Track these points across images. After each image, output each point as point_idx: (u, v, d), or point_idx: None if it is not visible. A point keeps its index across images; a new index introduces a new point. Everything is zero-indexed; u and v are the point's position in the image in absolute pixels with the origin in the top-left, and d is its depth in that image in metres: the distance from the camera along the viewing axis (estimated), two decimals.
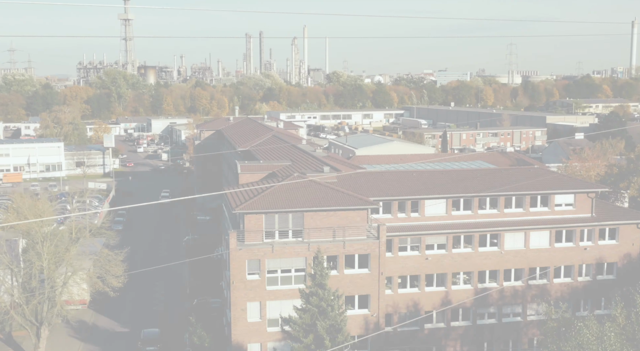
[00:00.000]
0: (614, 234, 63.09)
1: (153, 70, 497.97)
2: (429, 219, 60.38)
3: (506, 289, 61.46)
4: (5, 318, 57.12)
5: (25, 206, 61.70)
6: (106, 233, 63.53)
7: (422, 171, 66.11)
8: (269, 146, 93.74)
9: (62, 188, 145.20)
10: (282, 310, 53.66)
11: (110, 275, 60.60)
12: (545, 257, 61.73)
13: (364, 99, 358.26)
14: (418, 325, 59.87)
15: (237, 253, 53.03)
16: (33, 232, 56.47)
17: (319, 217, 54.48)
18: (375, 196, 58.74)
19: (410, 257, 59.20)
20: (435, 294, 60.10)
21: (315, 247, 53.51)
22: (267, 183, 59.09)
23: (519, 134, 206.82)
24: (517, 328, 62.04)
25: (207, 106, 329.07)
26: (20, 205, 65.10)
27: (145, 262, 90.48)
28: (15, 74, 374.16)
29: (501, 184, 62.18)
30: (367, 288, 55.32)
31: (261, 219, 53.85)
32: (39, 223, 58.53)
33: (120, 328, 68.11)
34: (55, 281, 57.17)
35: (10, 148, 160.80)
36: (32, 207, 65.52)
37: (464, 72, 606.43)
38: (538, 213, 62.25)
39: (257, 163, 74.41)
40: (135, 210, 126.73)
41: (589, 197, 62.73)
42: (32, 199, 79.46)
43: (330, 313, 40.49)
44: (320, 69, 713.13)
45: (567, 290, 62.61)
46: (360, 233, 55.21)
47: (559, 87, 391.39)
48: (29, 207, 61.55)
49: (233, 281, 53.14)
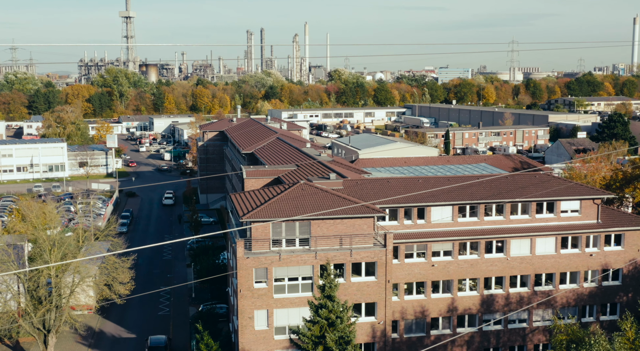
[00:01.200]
0: (619, 240, 63.16)
1: (154, 68, 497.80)
2: (435, 226, 60.50)
3: (512, 295, 61.59)
4: (14, 326, 57.26)
5: (33, 214, 61.74)
6: (113, 240, 63.53)
7: (428, 177, 66.15)
8: (273, 149, 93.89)
9: (65, 188, 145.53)
10: (289, 318, 53.90)
11: (117, 282, 60.72)
12: (551, 263, 61.83)
13: (366, 97, 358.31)
14: (424, 332, 60.05)
15: (245, 261, 53.16)
16: (41, 240, 56.55)
17: (326, 225, 54.60)
18: (382, 203, 58.82)
19: (416, 264, 59.32)
20: (442, 300, 60.23)
21: (323, 255, 53.72)
22: (272, 189, 59.21)
23: (521, 133, 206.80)
24: (523, 334, 62.18)
25: (209, 104, 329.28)
26: (28, 214, 65.18)
27: (149, 265, 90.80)
28: (17, 72, 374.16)
29: (507, 190, 62.26)
30: (374, 296, 55.45)
31: (268, 227, 53.97)
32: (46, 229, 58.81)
33: (127, 334, 68.29)
34: (63, 290, 57.33)
35: (14, 149, 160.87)
36: (40, 213, 65.72)
37: (465, 69, 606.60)
38: (544, 220, 62.34)
39: (262, 168, 74.53)
40: (139, 211, 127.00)
41: (595, 203, 62.80)
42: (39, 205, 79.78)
43: (340, 325, 40.63)
44: (322, 66, 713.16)
45: (572, 296, 62.72)
46: (367, 241, 55.32)
47: (561, 85, 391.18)
48: (37, 215, 61.62)
49: (240, 289, 53.28)
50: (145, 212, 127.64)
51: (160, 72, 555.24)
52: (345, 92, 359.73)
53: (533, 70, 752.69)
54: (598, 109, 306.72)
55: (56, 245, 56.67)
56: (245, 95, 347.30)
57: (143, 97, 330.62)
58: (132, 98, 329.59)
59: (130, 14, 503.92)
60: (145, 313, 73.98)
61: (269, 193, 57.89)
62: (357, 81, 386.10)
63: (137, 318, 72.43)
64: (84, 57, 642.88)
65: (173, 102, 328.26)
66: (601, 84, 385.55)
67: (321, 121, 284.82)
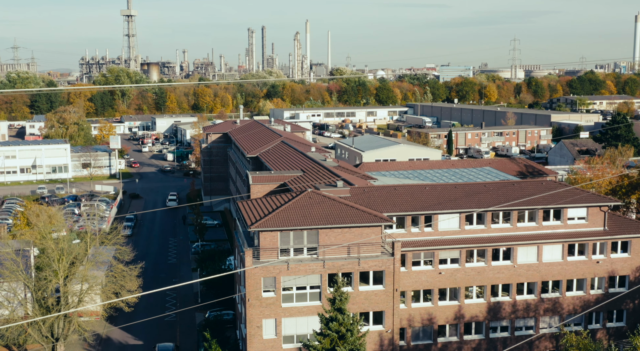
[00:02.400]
0: (626, 247, 63.26)
1: (156, 67, 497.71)
2: (442, 234, 60.61)
3: (519, 302, 61.70)
4: (23, 336, 57.40)
5: (40, 222, 61.80)
6: (120, 248, 63.59)
7: (434, 185, 66.19)
8: (278, 153, 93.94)
9: (69, 190, 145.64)
10: (297, 327, 54.06)
11: (125, 290, 60.83)
12: (558, 270, 61.93)
13: (367, 96, 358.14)
14: (431, 339, 60.19)
15: (253, 270, 53.27)
16: (49, 249, 56.62)
17: (334, 234, 54.70)
18: (389, 211, 58.94)
19: (423, 272, 59.44)
20: (449, 308, 60.36)
21: (331, 264, 53.83)
22: (280, 197, 59.26)
23: (523, 133, 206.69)
24: (530, 341, 62.29)
25: (211, 103, 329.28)
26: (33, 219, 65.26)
27: (155, 269, 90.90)
28: (19, 72, 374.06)
29: (514, 198, 62.30)
30: (382, 305, 55.56)
31: (276, 236, 54.08)
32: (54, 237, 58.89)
33: (134, 341, 68.43)
34: (71, 298, 57.44)
35: (17, 150, 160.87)
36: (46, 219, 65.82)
37: (467, 67, 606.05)
38: (551, 227, 62.44)
39: (268, 173, 74.60)
40: (144, 213, 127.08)
41: (602, 210, 62.88)
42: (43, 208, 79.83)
43: (350, 338, 40.77)
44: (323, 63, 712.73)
45: (579, 303, 62.83)
46: (374, 250, 55.42)
47: (563, 83, 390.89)
48: (44, 222, 61.70)
49: (249, 298, 53.39)
50: (149, 213, 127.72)
51: (161, 70, 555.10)
52: (347, 90, 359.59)
53: (534, 67, 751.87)
54: (600, 108, 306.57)
55: (64, 253, 56.75)
56: (247, 94, 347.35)
57: (145, 97, 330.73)
58: (134, 98, 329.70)
59: (132, 13, 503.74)
60: (151, 319, 74.03)
61: (277, 202, 57.97)
62: (359, 80, 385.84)
63: (143, 324, 72.45)
64: (86, 55, 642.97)
65: (175, 101, 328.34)
66: (603, 82, 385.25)
67: (323, 120, 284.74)
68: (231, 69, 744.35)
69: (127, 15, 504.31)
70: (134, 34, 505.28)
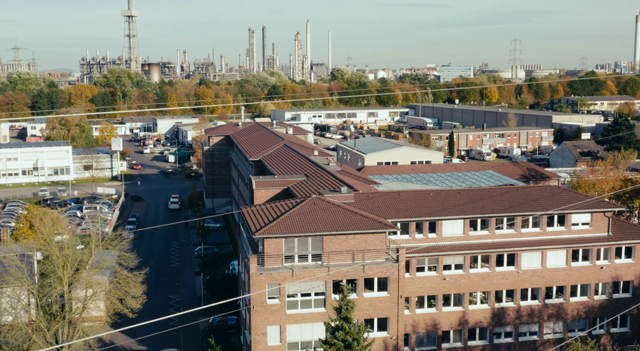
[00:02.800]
0: (630, 253, 63.28)
1: (157, 67, 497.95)
2: (446, 239, 60.61)
3: (523, 308, 61.72)
4: (27, 343, 57.37)
5: (45, 227, 61.77)
6: (125, 255, 63.50)
7: (438, 190, 66.19)
8: (281, 156, 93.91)
9: (71, 192, 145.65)
10: (302, 333, 54.05)
11: (129, 296, 60.80)
12: (562, 276, 61.95)
13: (369, 97, 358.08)
14: (435, 345, 60.20)
15: (258, 277, 53.27)
16: (54, 256, 56.60)
17: (339, 240, 54.69)
18: (393, 217, 58.96)
19: (427, 277, 59.47)
20: (453, 314, 60.38)
21: (335, 271, 53.82)
22: (284, 203, 59.22)
23: (525, 135, 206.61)
24: (534, 346, 62.30)
25: (212, 104, 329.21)
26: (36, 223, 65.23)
27: (157, 273, 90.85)
28: (20, 72, 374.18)
29: (518, 204, 62.33)
30: (387, 311, 55.54)
31: (281, 243, 54.07)
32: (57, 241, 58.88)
33: (138, 346, 68.42)
34: (75, 304, 57.41)
35: (19, 152, 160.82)
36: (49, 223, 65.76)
37: (467, 67, 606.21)
38: (555, 233, 62.44)
39: (272, 178, 74.60)
40: (145, 215, 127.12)
41: (606, 216, 62.88)
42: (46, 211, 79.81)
43: (356, 347, 40.78)
44: (323, 63, 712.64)
45: (583, 309, 62.84)
46: (379, 256, 55.42)
47: (564, 84, 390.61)
48: (48, 227, 61.65)
49: (253, 305, 53.40)
50: (152, 216, 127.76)
51: (162, 70, 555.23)
52: (348, 91, 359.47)
53: (535, 67, 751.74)
54: (601, 109, 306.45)
55: (69, 260, 56.74)
56: (248, 95, 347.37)
57: (146, 97, 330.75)
58: (135, 99, 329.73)
59: (133, 13, 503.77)
60: (155, 323, 73.82)
61: (281, 208, 57.95)
62: (360, 80, 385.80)
63: (147, 329, 72.39)
64: (86, 56, 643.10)
65: (176, 102, 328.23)
66: (604, 83, 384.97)
67: (324, 121, 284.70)
68: (232, 69, 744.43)
69: (128, 16, 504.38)
70: (135, 34, 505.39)
